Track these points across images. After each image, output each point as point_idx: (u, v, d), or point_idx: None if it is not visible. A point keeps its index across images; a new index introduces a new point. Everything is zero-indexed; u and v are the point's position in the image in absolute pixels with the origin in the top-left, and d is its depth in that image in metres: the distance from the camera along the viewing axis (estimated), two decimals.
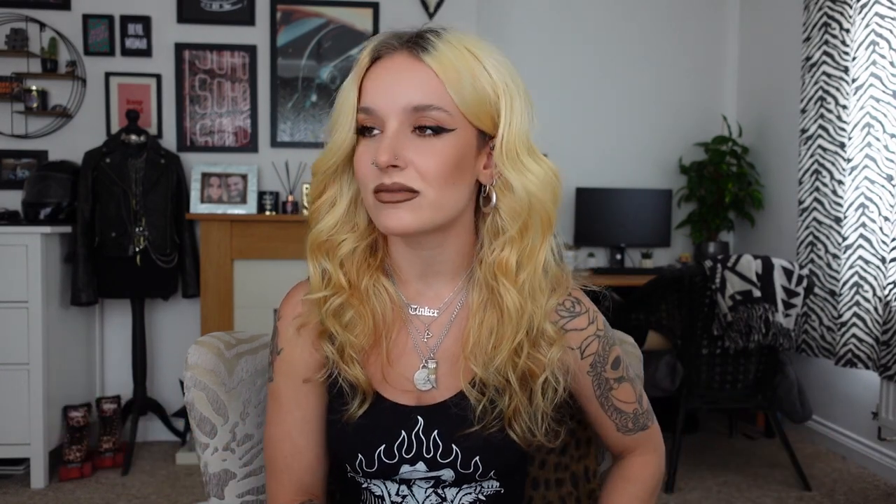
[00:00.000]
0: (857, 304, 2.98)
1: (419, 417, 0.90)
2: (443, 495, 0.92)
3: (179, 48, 3.36)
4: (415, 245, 0.90)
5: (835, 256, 3.13)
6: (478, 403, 0.89)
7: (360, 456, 0.90)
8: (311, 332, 0.93)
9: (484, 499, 0.94)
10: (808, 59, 3.27)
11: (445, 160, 0.83)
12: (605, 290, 1.00)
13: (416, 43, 0.84)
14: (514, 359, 0.88)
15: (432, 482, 0.92)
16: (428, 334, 0.93)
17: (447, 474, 0.90)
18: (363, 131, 0.85)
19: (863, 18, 2.99)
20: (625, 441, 1.01)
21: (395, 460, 0.90)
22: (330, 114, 0.89)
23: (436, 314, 0.94)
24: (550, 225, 0.89)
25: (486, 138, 0.87)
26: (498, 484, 0.94)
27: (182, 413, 3.29)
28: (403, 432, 0.90)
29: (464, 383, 0.90)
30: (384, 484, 0.93)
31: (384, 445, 0.89)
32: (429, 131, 0.82)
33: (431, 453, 0.90)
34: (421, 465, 0.90)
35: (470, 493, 0.93)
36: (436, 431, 0.90)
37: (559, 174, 0.89)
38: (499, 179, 0.87)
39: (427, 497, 0.92)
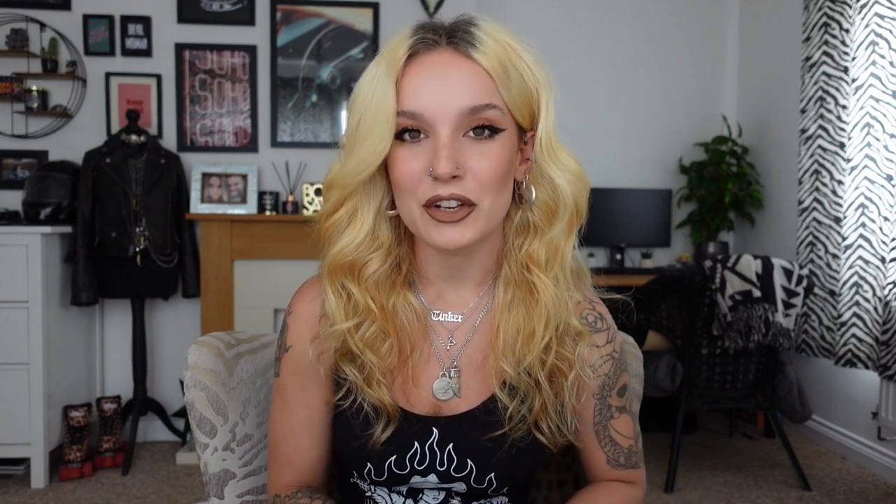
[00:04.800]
0: (857, 304, 2.98)
1: (434, 429, 0.86)
2: None
3: (179, 48, 3.36)
4: (450, 253, 0.83)
5: (835, 256, 3.13)
6: (508, 406, 0.84)
7: (369, 465, 0.86)
8: (328, 358, 0.88)
9: None
10: (807, 59, 3.27)
11: (501, 163, 0.78)
12: (627, 297, 0.95)
13: (460, 38, 0.77)
14: (542, 357, 0.84)
15: (442, 497, 0.88)
16: (451, 341, 0.88)
17: (459, 487, 0.86)
18: (402, 135, 0.77)
19: (862, 19, 2.99)
20: (611, 476, 0.95)
21: (406, 471, 0.86)
22: (350, 117, 0.80)
23: (460, 319, 0.89)
24: (580, 218, 0.85)
25: (521, 133, 0.83)
26: (507, 500, 0.91)
27: (182, 413, 3.29)
28: (417, 443, 0.85)
29: (496, 386, 0.85)
30: (389, 496, 0.89)
31: (395, 456, 0.85)
32: (486, 132, 0.77)
33: (445, 466, 0.85)
34: (433, 477, 0.86)
35: None
36: (451, 445, 0.85)
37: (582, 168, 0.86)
38: (538, 175, 0.83)
39: None
